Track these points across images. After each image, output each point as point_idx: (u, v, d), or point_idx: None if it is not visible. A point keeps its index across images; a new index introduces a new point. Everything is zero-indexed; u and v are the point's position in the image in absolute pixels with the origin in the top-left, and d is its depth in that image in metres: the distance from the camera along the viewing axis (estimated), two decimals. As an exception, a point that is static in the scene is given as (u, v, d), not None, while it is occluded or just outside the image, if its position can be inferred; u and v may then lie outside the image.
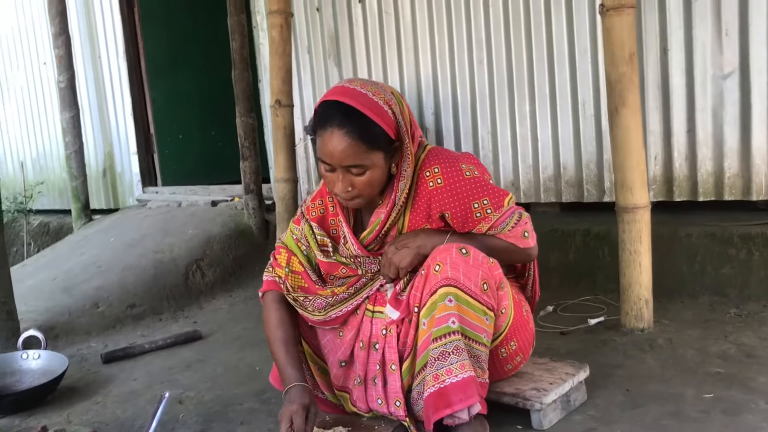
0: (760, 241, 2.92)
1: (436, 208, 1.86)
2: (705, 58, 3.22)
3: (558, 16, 3.61)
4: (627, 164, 2.61)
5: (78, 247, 4.56)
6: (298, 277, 2.01)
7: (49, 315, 3.39)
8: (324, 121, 1.78)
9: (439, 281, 1.74)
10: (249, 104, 4.43)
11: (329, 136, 1.76)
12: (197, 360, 2.90)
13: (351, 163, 1.77)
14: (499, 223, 1.84)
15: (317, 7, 4.56)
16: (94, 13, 5.93)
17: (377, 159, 1.79)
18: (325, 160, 1.79)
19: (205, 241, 4.26)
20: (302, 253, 2.02)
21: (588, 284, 3.31)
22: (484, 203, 1.83)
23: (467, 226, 1.85)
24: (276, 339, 1.94)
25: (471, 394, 1.70)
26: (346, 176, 1.79)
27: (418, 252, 1.85)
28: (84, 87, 6.02)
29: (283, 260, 2.03)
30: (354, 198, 1.84)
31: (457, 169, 1.84)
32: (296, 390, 1.80)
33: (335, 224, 2.00)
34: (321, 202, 2.02)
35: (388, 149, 1.81)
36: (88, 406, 2.49)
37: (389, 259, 1.87)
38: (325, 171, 1.82)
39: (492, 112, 3.93)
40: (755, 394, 2.03)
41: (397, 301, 1.87)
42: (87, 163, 5.40)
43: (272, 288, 2.03)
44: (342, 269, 1.97)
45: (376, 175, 1.81)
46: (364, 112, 1.75)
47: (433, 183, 1.84)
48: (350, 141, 1.74)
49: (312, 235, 1.99)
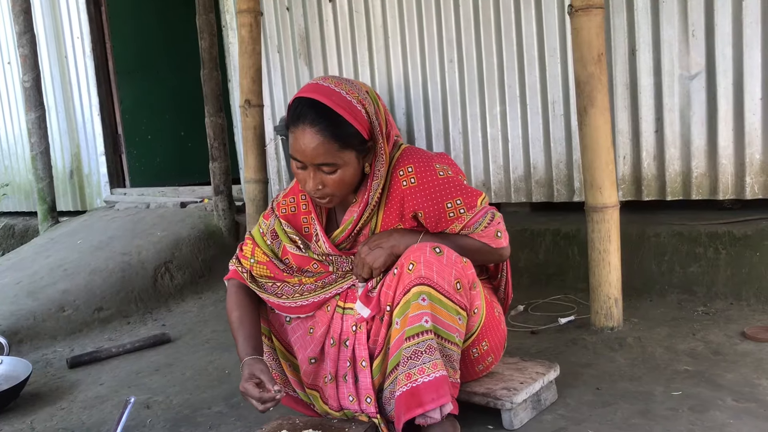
0: (726, 240, 2.96)
1: (409, 208, 1.85)
2: (672, 58, 3.26)
3: (528, 16, 3.63)
4: (596, 164, 2.62)
5: (44, 249, 4.47)
6: (264, 267, 2.02)
7: (13, 319, 3.32)
8: (296, 118, 1.76)
9: (412, 280, 1.73)
10: (218, 104, 4.38)
11: (301, 133, 1.75)
12: (165, 364, 2.85)
13: (322, 161, 1.76)
14: (472, 222, 1.84)
15: (287, 6, 4.54)
16: (60, 12, 5.83)
17: (349, 158, 1.78)
18: (297, 157, 1.78)
19: (173, 243, 4.20)
20: (267, 245, 2.02)
21: (558, 283, 3.33)
22: (457, 203, 1.82)
23: (440, 225, 1.85)
24: (233, 320, 1.94)
25: (443, 393, 1.69)
26: (317, 174, 1.78)
27: (392, 252, 1.84)
28: (50, 87, 5.92)
29: (248, 251, 2.04)
30: (325, 197, 1.82)
31: (430, 169, 1.84)
32: (246, 365, 1.79)
33: (307, 222, 1.99)
34: (293, 200, 2.02)
35: (361, 149, 1.80)
36: (52, 412, 2.44)
37: (362, 259, 1.86)
38: (297, 168, 1.81)
39: (463, 112, 3.94)
40: (723, 391, 2.05)
41: (368, 298, 1.86)
42: (53, 164, 5.31)
43: (234, 277, 2.05)
44: (314, 264, 1.97)
45: (348, 174, 1.79)
46: (337, 111, 1.74)
47: (406, 182, 1.84)
48: (322, 139, 1.73)
49: (282, 231, 1.99)
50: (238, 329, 1.91)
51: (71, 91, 5.92)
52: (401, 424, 1.73)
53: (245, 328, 1.91)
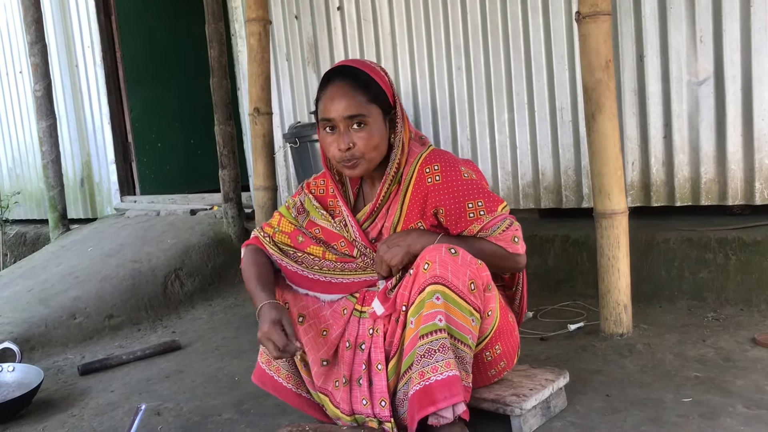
0: (736, 246, 2.95)
1: (431, 204, 1.89)
2: (680, 64, 3.26)
3: (535, 23, 3.64)
4: (604, 170, 2.63)
5: (55, 257, 4.50)
6: (287, 236, 2.06)
7: (25, 327, 3.34)
8: (327, 81, 1.89)
9: (427, 279, 1.75)
10: (228, 112, 4.41)
11: (332, 89, 1.86)
12: (176, 371, 2.87)
13: (353, 112, 1.83)
14: (491, 225, 1.86)
15: (296, 15, 4.56)
16: (71, 21, 5.89)
17: (377, 115, 1.87)
18: (328, 115, 1.86)
19: (183, 251, 4.22)
20: (292, 217, 2.07)
21: (567, 290, 3.33)
22: (478, 204, 1.86)
23: (460, 225, 1.88)
24: (250, 274, 1.96)
25: (456, 392, 1.70)
26: (347, 133, 1.85)
27: (408, 250, 1.87)
28: (61, 95, 5.96)
29: (275, 222, 2.09)
30: (354, 159, 1.87)
31: (456, 170, 1.89)
32: (265, 309, 1.81)
33: (334, 205, 2.05)
34: (323, 182, 2.09)
35: (387, 109, 1.90)
36: (63, 419, 2.45)
37: (380, 257, 1.90)
38: (326, 134, 1.88)
39: (471, 119, 3.95)
40: (733, 397, 2.05)
41: (386, 298, 1.89)
42: (64, 172, 5.35)
43: (255, 243, 2.08)
44: (341, 242, 2.01)
45: (376, 133, 1.86)
46: (365, 71, 1.88)
47: (431, 179, 1.89)
48: (352, 91, 1.85)
49: (312, 206, 2.05)
50: (255, 279, 1.92)
51: (82, 100, 5.96)
52: (415, 422, 1.74)
53: (264, 278, 1.93)
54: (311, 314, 2.00)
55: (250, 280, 1.95)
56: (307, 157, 3.79)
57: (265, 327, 1.77)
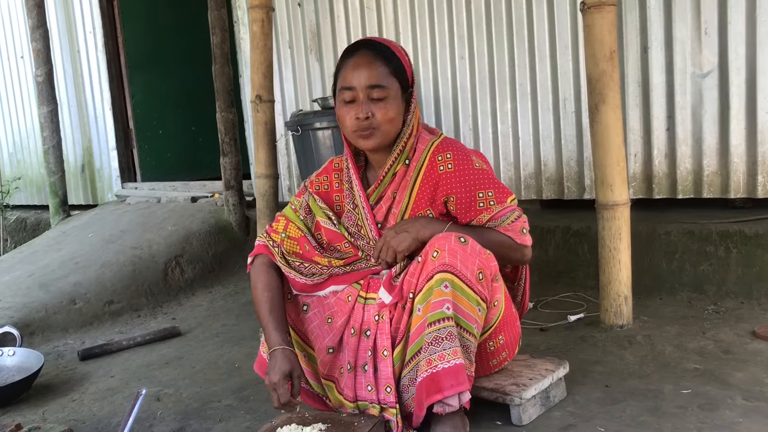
0: (737, 239, 2.95)
1: (442, 192, 1.89)
2: (685, 56, 3.25)
3: (539, 13, 3.63)
4: (607, 161, 2.62)
5: (55, 243, 4.50)
6: (295, 243, 2.03)
7: (25, 311, 3.34)
8: (350, 52, 1.91)
9: (436, 267, 1.75)
10: (229, 99, 4.40)
11: (356, 58, 1.88)
12: (176, 357, 2.87)
13: (375, 82, 1.85)
14: (500, 215, 1.88)
15: (299, 2, 4.54)
16: (73, 7, 5.86)
17: (396, 90, 1.88)
18: (349, 84, 1.87)
19: (184, 238, 4.22)
20: (300, 219, 2.05)
21: (568, 281, 3.33)
22: (488, 194, 1.88)
23: (469, 214, 1.88)
24: (262, 301, 1.93)
25: (462, 380, 1.71)
26: (367, 103, 1.86)
27: (417, 237, 1.86)
28: (62, 81, 5.95)
29: (280, 227, 2.06)
30: (371, 129, 1.87)
31: (468, 159, 1.90)
32: (278, 356, 1.80)
33: (339, 200, 2.04)
34: (326, 178, 2.07)
35: (405, 87, 1.91)
36: (64, 403, 2.46)
37: (387, 242, 1.89)
38: (345, 103, 1.88)
39: (474, 109, 3.94)
40: (732, 389, 2.05)
41: (391, 286, 1.88)
42: (65, 158, 5.34)
43: (263, 252, 2.04)
44: (345, 243, 1.99)
45: (393, 107, 1.87)
46: (389, 46, 1.91)
47: (443, 167, 1.89)
48: (377, 62, 1.87)
49: (316, 206, 2.04)
50: (269, 312, 1.90)
51: (83, 86, 5.95)
52: (423, 409, 1.74)
53: (276, 313, 1.91)
54: (315, 303, 2.00)
55: (261, 308, 1.92)
56: (309, 145, 3.78)
57: (275, 378, 1.77)
